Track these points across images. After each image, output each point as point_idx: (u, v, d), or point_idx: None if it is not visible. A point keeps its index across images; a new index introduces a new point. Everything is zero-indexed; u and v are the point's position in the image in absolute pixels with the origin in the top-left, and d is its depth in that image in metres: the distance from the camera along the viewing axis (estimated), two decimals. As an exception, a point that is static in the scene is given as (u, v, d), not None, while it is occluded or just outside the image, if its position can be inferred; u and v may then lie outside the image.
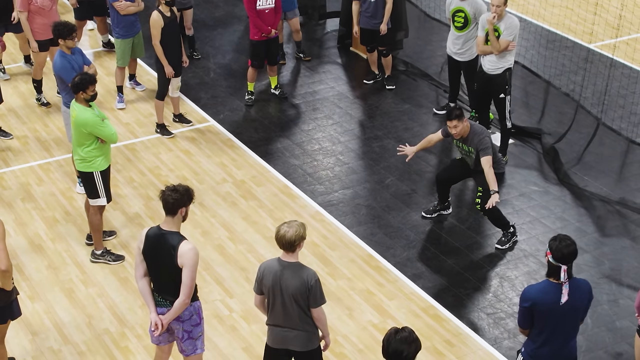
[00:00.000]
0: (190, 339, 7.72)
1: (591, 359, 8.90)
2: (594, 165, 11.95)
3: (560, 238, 7.10)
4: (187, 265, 7.35)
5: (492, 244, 10.49)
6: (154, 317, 7.59)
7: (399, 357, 6.21)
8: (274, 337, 7.55)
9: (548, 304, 7.08)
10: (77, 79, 9.37)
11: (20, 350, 8.85)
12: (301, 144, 12.41)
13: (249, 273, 9.85)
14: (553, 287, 7.10)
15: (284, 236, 7.21)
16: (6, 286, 7.79)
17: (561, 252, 7.03)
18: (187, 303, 7.47)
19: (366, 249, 10.37)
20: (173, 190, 7.43)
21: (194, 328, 7.70)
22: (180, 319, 7.61)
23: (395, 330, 6.28)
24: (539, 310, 7.12)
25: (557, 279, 7.10)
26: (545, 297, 7.09)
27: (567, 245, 7.04)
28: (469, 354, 8.94)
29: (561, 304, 7.08)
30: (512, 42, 11.44)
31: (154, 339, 7.83)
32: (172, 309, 7.50)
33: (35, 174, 11.62)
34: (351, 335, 9.11)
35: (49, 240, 10.41)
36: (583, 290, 7.21)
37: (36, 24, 12.50)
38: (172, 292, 7.47)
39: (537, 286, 7.21)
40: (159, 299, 7.60)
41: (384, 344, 6.28)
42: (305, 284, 7.22)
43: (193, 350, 7.78)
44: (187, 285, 7.39)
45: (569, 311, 7.15)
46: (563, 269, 7.05)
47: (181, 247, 7.34)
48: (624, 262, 10.21)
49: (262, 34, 12.82)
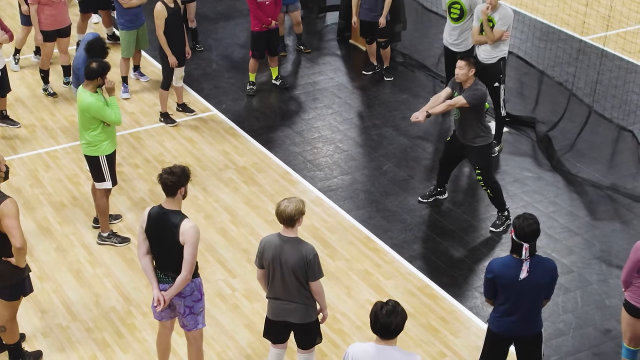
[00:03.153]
0: (191, 314, 8.01)
1: (581, 335, 9.23)
2: (586, 152, 12.28)
3: (524, 217, 7.41)
4: (188, 242, 7.65)
5: (487, 227, 10.82)
6: (157, 293, 7.87)
7: (387, 330, 6.46)
8: (273, 310, 7.87)
9: (508, 278, 7.42)
10: (95, 66, 9.68)
11: (30, 327, 9.17)
12: (301, 132, 12.75)
13: (251, 255, 10.17)
14: (514, 263, 7.43)
15: (284, 211, 7.54)
16: (20, 263, 8.10)
17: (523, 230, 7.34)
18: (189, 279, 7.77)
19: (364, 232, 10.69)
20: (170, 173, 7.75)
21: (195, 304, 7.99)
22: (182, 295, 7.89)
23: (380, 305, 6.49)
24: (500, 283, 7.47)
25: (519, 255, 7.41)
26: (506, 271, 7.43)
27: (529, 224, 7.35)
28: (463, 330, 9.26)
29: (519, 279, 7.39)
30: (506, 32, 11.76)
31: (157, 315, 8.11)
32: (174, 285, 7.78)
33: (42, 160, 11.95)
34: (349, 313, 9.43)
35: (56, 224, 10.74)
36: (546, 268, 7.49)
37: (44, 14, 12.81)
38: (174, 268, 7.76)
39: (500, 260, 7.56)
40: (161, 276, 7.88)
41: (371, 320, 6.50)
42: (304, 258, 7.54)
43: (194, 325, 8.07)
44: (189, 261, 7.68)
45: (530, 287, 7.45)
46: (525, 246, 7.35)
47: (183, 225, 7.64)
48: (614, 244, 10.54)
49: (263, 25, 13.15)
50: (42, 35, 12.95)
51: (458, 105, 10.17)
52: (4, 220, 7.84)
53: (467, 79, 10.23)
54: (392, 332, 6.47)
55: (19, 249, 7.91)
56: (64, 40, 13.18)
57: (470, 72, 10.19)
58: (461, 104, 10.16)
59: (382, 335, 6.50)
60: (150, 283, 7.96)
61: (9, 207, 7.86)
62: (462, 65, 10.18)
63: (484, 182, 10.58)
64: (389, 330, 6.46)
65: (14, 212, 7.88)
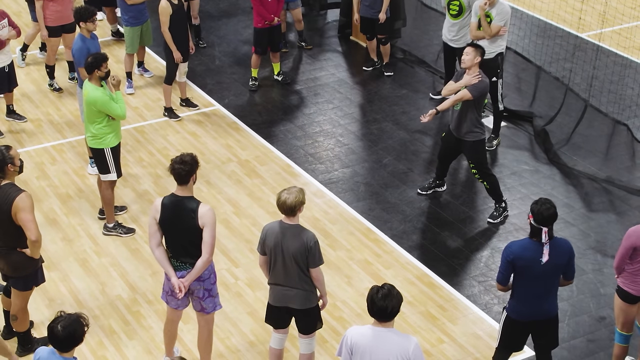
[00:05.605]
0: (210, 297, 8.22)
1: (576, 323, 9.45)
2: (582, 145, 12.51)
3: (541, 202, 7.62)
4: (207, 225, 7.86)
5: (485, 218, 11.04)
6: (176, 281, 8.02)
7: (384, 313, 6.67)
8: (274, 295, 8.09)
9: (527, 260, 7.61)
10: (90, 60, 9.95)
11: (39, 315, 9.40)
12: (303, 127, 12.97)
13: (253, 245, 10.39)
14: (534, 245, 7.62)
15: (285, 202, 7.76)
16: (35, 255, 8.33)
17: (542, 215, 7.55)
18: (210, 260, 7.97)
19: (365, 223, 10.92)
20: (181, 162, 7.95)
21: (213, 286, 8.21)
22: (200, 279, 8.08)
23: (376, 289, 6.70)
24: (519, 265, 7.63)
25: (539, 239, 7.62)
26: (525, 253, 7.62)
27: (547, 208, 7.57)
28: (461, 317, 9.49)
29: (542, 263, 7.61)
30: (503, 28, 11.99)
31: (173, 304, 8.27)
32: (194, 268, 7.95)
33: (49, 154, 12.18)
34: (350, 301, 9.66)
35: (63, 215, 10.97)
36: (563, 249, 7.71)
37: (49, 10, 13.05)
38: (191, 254, 7.96)
39: (519, 242, 7.74)
40: (177, 264, 8.06)
41: (368, 304, 6.70)
42: (304, 244, 7.76)
43: (213, 308, 8.28)
44: (209, 243, 7.89)
45: (550, 269, 7.67)
46: (544, 230, 7.58)
47: (200, 209, 7.87)
48: (608, 235, 10.76)
49: (265, 22, 13.38)
50: (47, 31, 13.19)
51: (464, 98, 10.42)
52: (20, 213, 8.06)
53: (472, 65, 10.44)
54: (389, 314, 6.68)
55: (34, 241, 8.13)
56: (69, 36, 13.40)
57: (475, 60, 10.41)
58: (466, 97, 10.40)
59: (379, 318, 6.72)
60: (166, 272, 8.09)
61: (25, 201, 8.08)
62: (469, 51, 10.43)
63: (479, 176, 10.82)
64: (386, 312, 6.67)
65: (29, 205, 8.10)
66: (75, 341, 6.50)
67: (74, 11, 11.35)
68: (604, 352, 9.04)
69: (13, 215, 8.07)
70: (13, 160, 8.30)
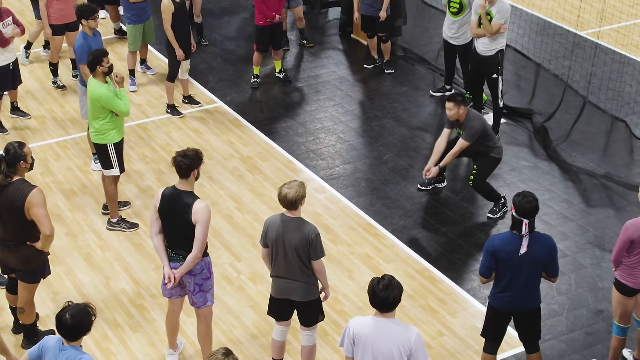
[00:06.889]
0: (201, 292, 8.35)
1: (574, 316, 9.56)
2: (581, 142, 12.63)
3: (523, 194, 7.77)
4: (200, 222, 7.99)
5: (484, 214, 11.16)
6: (168, 271, 8.20)
7: (386, 304, 6.79)
8: (277, 288, 8.20)
9: (508, 253, 7.76)
10: (91, 58, 10.06)
11: (44, 308, 9.52)
12: (304, 124, 13.09)
13: (256, 240, 10.51)
14: (515, 239, 7.77)
15: (286, 197, 7.87)
16: (46, 249, 8.49)
17: (523, 208, 7.69)
18: (199, 257, 8.11)
19: (366, 218, 11.04)
20: (184, 156, 8.09)
21: (205, 282, 8.33)
22: (192, 273, 8.23)
23: (377, 280, 6.82)
24: (500, 257, 7.79)
25: (519, 231, 7.75)
26: (506, 246, 7.77)
27: (529, 201, 7.71)
28: (461, 310, 9.61)
29: (520, 254, 7.73)
30: (503, 25, 12.10)
31: (166, 292, 8.44)
32: (184, 263, 8.12)
33: (53, 150, 12.30)
34: (351, 295, 9.77)
35: (67, 211, 11.09)
36: (544, 244, 7.83)
37: (53, 8, 13.17)
38: (185, 247, 8.10)
39: (500, 236, 7.91)
40: (172, 255, 8.22)
41: (370, 295, 6.82)
42: (306, 237, 7.87)
43: (204, 303, 8.40)
44: (200, 240, 8.03)
45: (529, 262, 7.79)
46: (525, 222, 7.70)
47: (195, 205, 7.99)
48: (607, 230, 10.87)
49: (267, 20, 13.50)
50: (51, 29, 13.30)
51: (464, 148, 10.72)
52: (33, 209, 8.17)
53: (459, 117, 10.65)
54: (390, 305, 6.80)
55: (48, 236, 8.27)
56: (73, 34, 13.45)
57: (460, 110, 10.60)
58: (465, 147, 10.71)
59: (381, 309, 6.84)
60: (161, 260, 8.26)
61: (38, 197, 8.20)
62: (450, 106, 10.62)
63: (473, 183, 10.93)
64: (388, 303, 6.79)
65: (42, 201, 8.22)
66: (83, 330, 6.60)
67: (76, 9, 11.48)
68: (602, 345, 9.15)
69: (26, 210, 8.19)
70: (26, 158, 8.41)
